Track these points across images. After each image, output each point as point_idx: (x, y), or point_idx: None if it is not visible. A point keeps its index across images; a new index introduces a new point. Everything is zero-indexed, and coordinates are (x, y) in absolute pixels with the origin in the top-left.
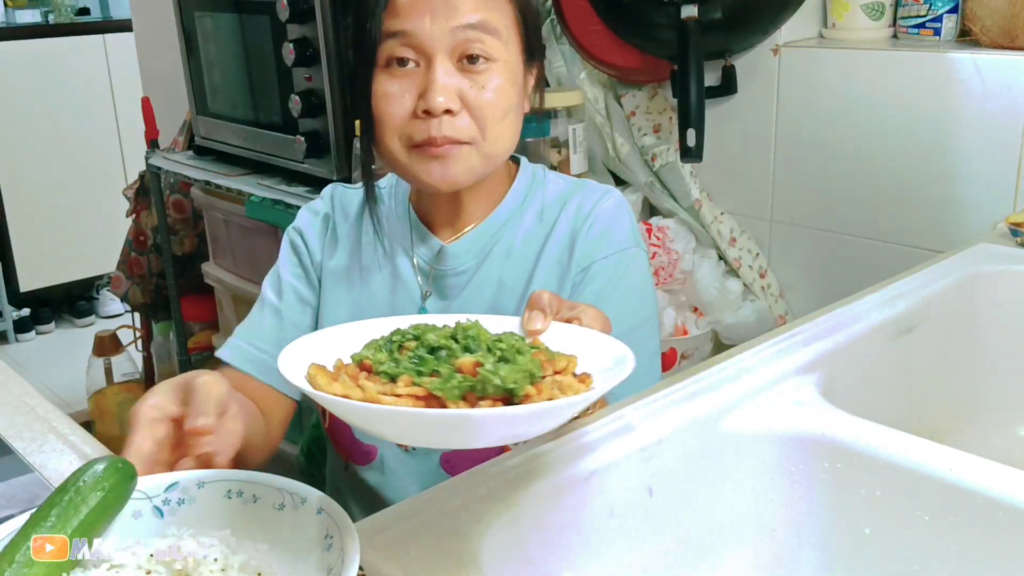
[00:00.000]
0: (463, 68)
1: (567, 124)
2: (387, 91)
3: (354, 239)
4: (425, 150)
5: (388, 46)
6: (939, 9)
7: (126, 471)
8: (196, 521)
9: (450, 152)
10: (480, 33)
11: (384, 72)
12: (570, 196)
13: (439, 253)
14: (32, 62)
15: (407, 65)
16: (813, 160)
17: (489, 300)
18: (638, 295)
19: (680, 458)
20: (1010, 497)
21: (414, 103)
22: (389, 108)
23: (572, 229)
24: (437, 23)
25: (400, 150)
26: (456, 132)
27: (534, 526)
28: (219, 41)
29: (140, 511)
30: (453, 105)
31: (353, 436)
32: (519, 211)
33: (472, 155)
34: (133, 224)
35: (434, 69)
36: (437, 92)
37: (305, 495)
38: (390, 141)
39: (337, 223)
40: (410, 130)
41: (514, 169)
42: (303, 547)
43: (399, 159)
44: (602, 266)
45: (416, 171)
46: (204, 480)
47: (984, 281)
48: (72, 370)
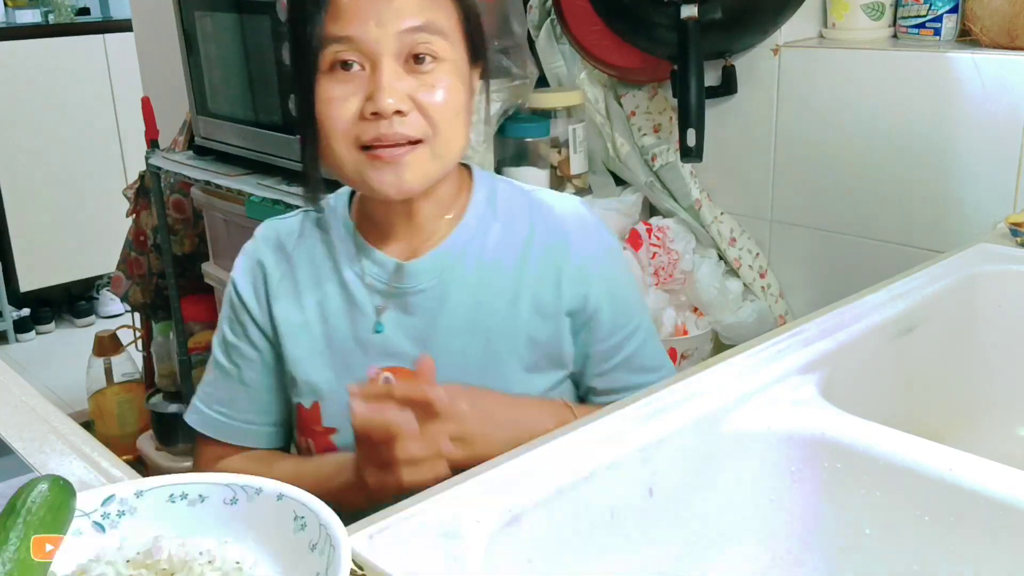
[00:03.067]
0: (411, 69)
1: (567, 124)
2: (331, 95)
3: (299, 267)
4: (376, 155)
5: (331, 51)
6: (939, 9)
7: (68, 489)
8: (141, 530)
9: (402, 157)
10: (427, 34)
11: (327, 76)
12: (536, 211)
13: (397, 271)
14: (32, 62)
15: (352, 68)
16: (813, 160)
17: (466, 321)
18: (634, 285)
19: (680, 458)
20: (1010, 497)
21: (360, 105)
22: (334, 111)
23: (551, 246)
24: (382, 28)
25: (349, 154)
26: (407, 129)
27: (534, 526)
28: (219, 41)
29: (80, 529)
30: (403, 105)
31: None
32: (483, 226)
33: (425, 156)
34: (133, 224)
35: (380, 72)
36: (386, 94)
37: (259, 485)
38: (336, 145)
39: (276, 261)
40: (357, 131)
41: (467, 178)
42: (273, 535)
43: (347, 165)
44: (599, 268)
45: (367, 178)
46: (141, 488)
47: (984, 281)
48: (72, 370)
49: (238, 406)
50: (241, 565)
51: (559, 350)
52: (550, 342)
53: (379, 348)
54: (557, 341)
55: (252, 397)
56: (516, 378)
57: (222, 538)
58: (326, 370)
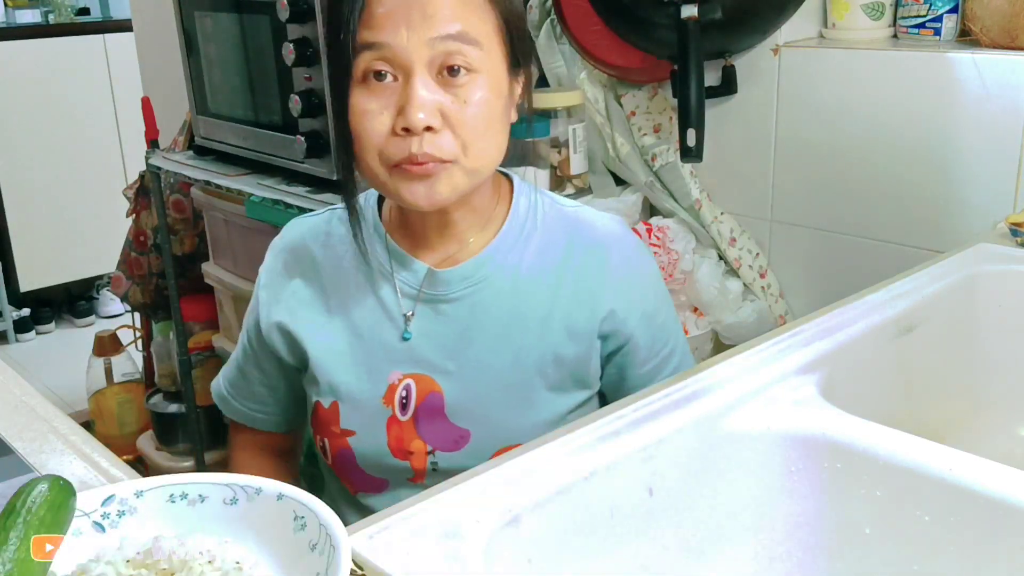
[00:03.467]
0: (443, 81)
1: (567, 124)
2: (365, 108)
3: (325, 268)
4: (406, 170)
5: (364, 59)
6: (939, 9)
7: (68, 489)
8: (141, 530)
9: (433, 171)
10: (460, 44)
11: (361, 86)
12: (577, 229)
13: (429, 276)
14: (32, 62)
15: (384, 79)
16: (813, 160)
17: (498, 334)
18: (671, 307)
19: (680, 458)
20: (1010, 497)
21: (392, 120)
22: (368, 125)
23: (589, 267)
24: (414, 34)
25: (380, 169)
26: (437, 150)
27: (534, 526)
28: (219, 41)
29: (80, 528)
30: (434, 122)
31: (363, 472)
32: (521, 239)
33: (455, 172)
34: (133, 224)
35: (412, 84)
36: (416, 108)
37: (258, 485)
38: (370, 159)
39: (300, 261)
40: (390, 149)
41: (506, 187)
42: (273, 535)
43: (379, 178)
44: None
45: (398, 190)
46: (141, 488)
47: (984, 281)
48: (72, 370)
49: (239, 390)
50: (241, 565)
51: (585, 371)
52: (578, 362)
53: (405, 355)
54: (585, 362)
55: (251, 388)
56: (540, 397)
57: (222, 538)
58: (348, 372)
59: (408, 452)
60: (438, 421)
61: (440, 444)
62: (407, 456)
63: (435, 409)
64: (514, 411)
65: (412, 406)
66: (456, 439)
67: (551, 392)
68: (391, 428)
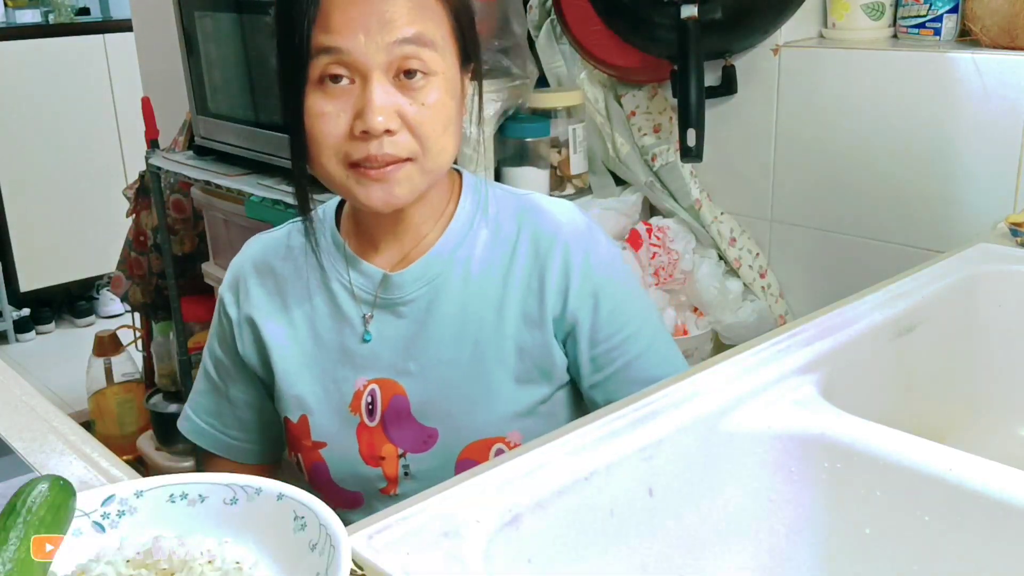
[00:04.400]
0: (400, 84)
1: (567, 124)
2: (321, 110)
3: (285, 281)
4: (364, 172)
5: (320, 63)
6: (939, 9)
7: (68, 488)
8: (141, 530)
9: (391, 175)
10: (416, 47)
11: (317, 89)
12: (524, 216)
13: (384, 281)
14: (32, 62)
15: (341, 82)
16: (813, 160)
17: (454, 330)
18: (639, 290)
19: (680, 458)
20: (1010, 497)
21: (350, 122)
22: (324, 128)
23: (538, 253)
24: (372, 40)
25: (338, 170)
26: (397, 150)
27: (534, 526)
28: (219, 41)
29: (80, 528)
30: (392, 124)
31: (336, 486)
32: (470, 233)
33: (413, 173)
34: (133, 224)
35: (370, 88)
36: (375, 112)
37: (258, 485)
38: (326, 161)
39: (261, 277)
40: (347, 148)
41: (457, 180)
42: (273, 535)
43: (336, 178)
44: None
45: (355, 193)
46: (141, 488)
47: (984, 281)
48: (72, 370)
49: (224, 420)
50: (241, 565)
51: (550, 360)
52: (539, 351)
53: (367, 360)
54: (547, 350)
55: (237, 415)
56: (504, 389)
57: (222, 538)
58: (314, 383)
59: (380, 458)
60: (405, 423)
61: (409, 446)
62: (379, 462)
63: (401, 411)
64: (479, 405)
65: (379, 411)
66: (424, 439)
67: (517, 384)
68: (361, 435)
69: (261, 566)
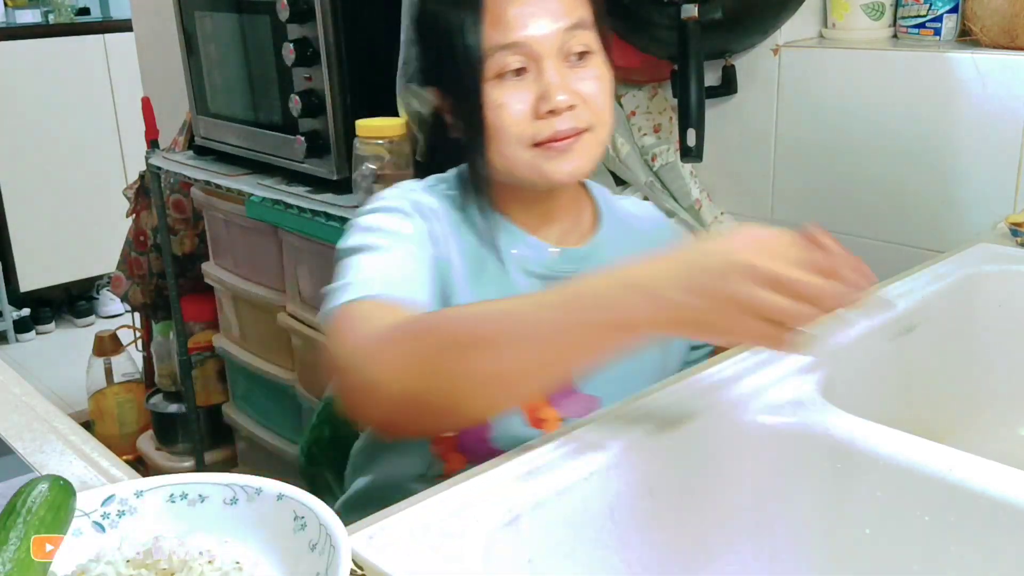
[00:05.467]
0: (571, 65)
1: None
2: (501, 100)
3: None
4: (549, 147)
5: (499, 59)
6: (939, 9)
7: (68, 488)
8: (141, 530)
9: (573, 146)
10: (582, 30)
11: (495, 83)
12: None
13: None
14: (32, 62)
15: (519, 74)
16: (813, 160)
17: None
18: None
19: (680, 458)
20: (1010, 497)
21: (532, 105)
22: (508, 115)
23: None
24: (544, 29)
25: (522, 153)
26: (577, 122)
27: (534, 526)
28: (219, 41)
29: (80, 528)
30: (574, 100)
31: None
32: (620, 212)
33: (591, 143)
34: (133, 224)
35: (547, 71)
36: (557, 91)
37: (258, 485)
38: (509, 147)
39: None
40: (532, 131)
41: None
42: (273, 535)
43: (521, 161)
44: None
45: (543, 169)
46: (141, 488)
47: (984, 281)
48: (72, 370)
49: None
50: (241, 565)
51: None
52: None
53: None
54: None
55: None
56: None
57: (222, 538)
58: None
59: (541, 420)
60: (569, 391)
61: (571, 412)
62: (540, 424)
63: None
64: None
65: None
66: (588, 407)
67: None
68: None
69: (261, 566)
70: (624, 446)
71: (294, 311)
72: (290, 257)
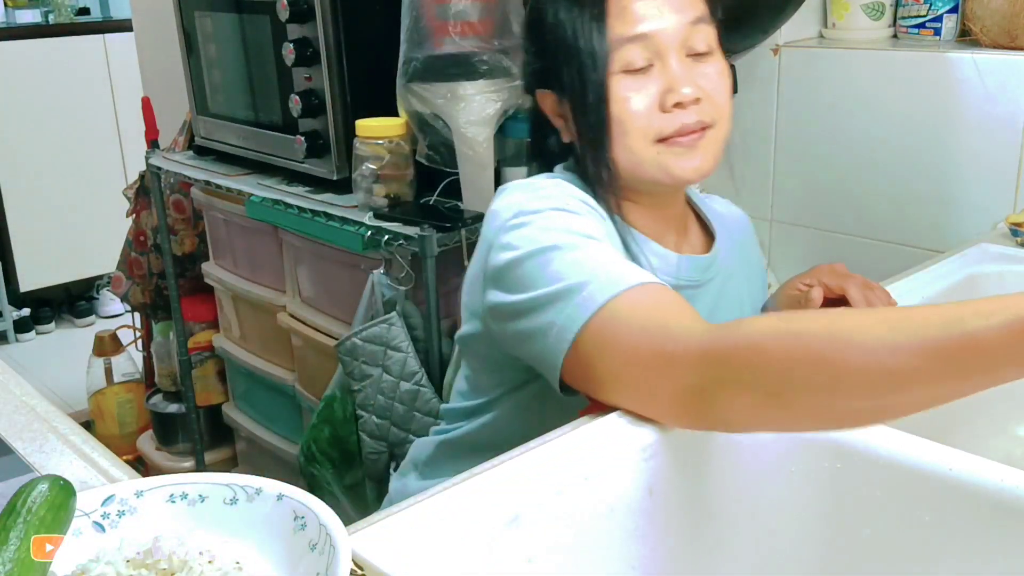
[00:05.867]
0: (693, 60)
1: None
2: (626, 94)
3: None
4: (675, 142)
5: (625, 53)
6: (939, 9)
7: (68, 488)
8: (141, 530)
9: (698, 143)
10: (703, 25)
11: (621, 77)
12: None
13: (691, 264)
14: (32, 62)
15: (644, 68)
16: (813, 160)
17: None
18: None
19: (680, 458)
20: (1010, 497)
21: (657, 99)
22: (635, 109)
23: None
24: (669, 22)
25: (648, 148)
26: (702, 116)
27: (534, 526)
28: (219, 41)
29: (80, 528)
30: (699, 93)
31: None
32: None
33: (714, 139)
34: (133, 224)
35: (672, 65)
36: (683, 84)
37: (258, 485)
38: (635, 142)
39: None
40: (658, 125)
41: None
42: (273, 535)
43: (646, 157)
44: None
45: (668, 166)
46: (141, 488)
47: (984, 281)
48: (72, 370)
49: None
50: (241, 565)
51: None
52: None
53: None
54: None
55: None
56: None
57: (222, 538)
58: None
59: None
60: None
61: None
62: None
63: None
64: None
65: None
66: None
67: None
68: None
69: (261, 566)
70: (624, 446)
71: (294, 311)
72: (290, 257)
